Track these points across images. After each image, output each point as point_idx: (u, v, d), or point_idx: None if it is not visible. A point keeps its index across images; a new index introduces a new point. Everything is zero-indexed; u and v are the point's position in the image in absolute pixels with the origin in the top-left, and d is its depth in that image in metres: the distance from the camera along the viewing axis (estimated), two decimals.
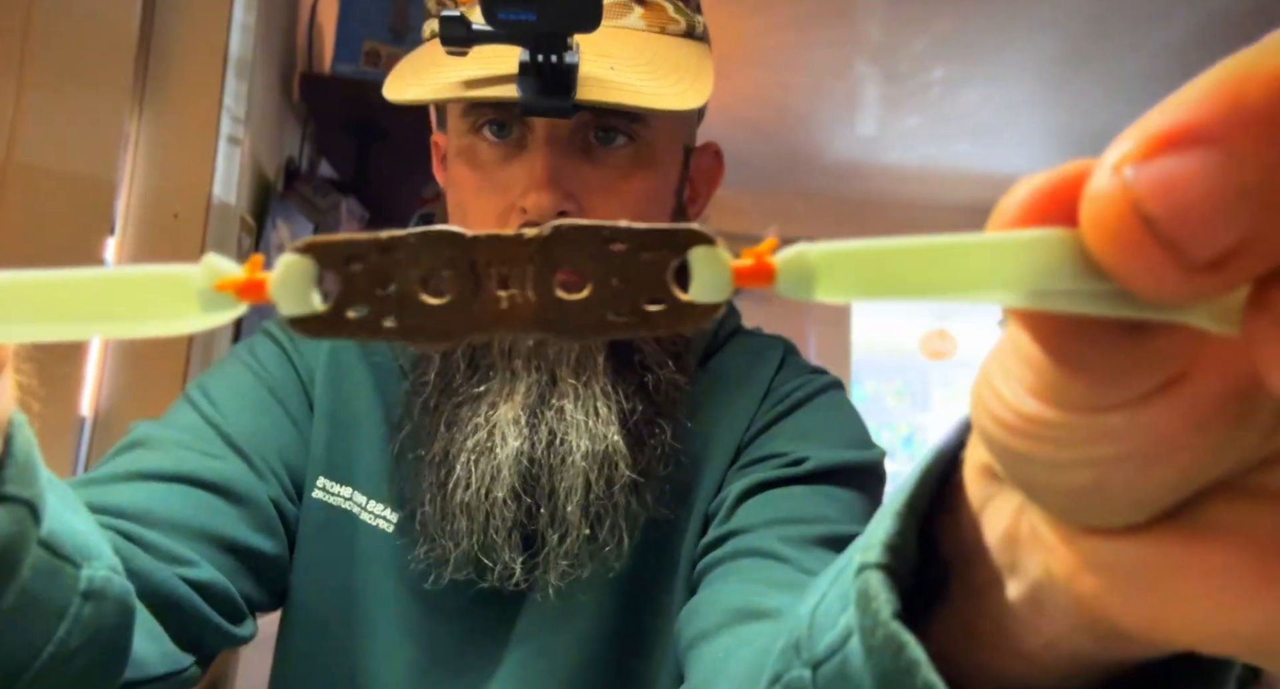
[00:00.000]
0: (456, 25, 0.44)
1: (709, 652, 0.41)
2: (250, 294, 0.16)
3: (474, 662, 0.52)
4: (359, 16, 1.44)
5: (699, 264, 0.15)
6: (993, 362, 0.17)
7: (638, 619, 0.52)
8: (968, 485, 0.21)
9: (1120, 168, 0.13)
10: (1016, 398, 0.16)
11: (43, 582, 0.26)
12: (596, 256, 0.15)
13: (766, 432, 0.55)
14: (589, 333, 0.16)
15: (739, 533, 0.49)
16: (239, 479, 0.49)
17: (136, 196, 1.21)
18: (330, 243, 0.15)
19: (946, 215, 3.29)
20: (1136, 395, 0.15)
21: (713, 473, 0.54)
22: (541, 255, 0.15)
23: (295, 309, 0.16)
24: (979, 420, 0.17)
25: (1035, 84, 2.30)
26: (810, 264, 0.15)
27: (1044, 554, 0.18)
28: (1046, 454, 0.16)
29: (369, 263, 0.15)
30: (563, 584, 0.49)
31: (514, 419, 0.49)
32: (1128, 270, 0.13)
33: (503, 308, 0.16)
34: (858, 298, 0.15)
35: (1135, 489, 0.16)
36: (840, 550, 0.45)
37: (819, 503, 0.49)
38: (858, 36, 2.09)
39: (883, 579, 0.21)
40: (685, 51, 0.51)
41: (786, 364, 0.59)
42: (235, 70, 1.26)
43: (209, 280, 0.16)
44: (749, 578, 0.45)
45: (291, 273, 0.15)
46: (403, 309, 0.15)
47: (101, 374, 1.16)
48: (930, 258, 0.15)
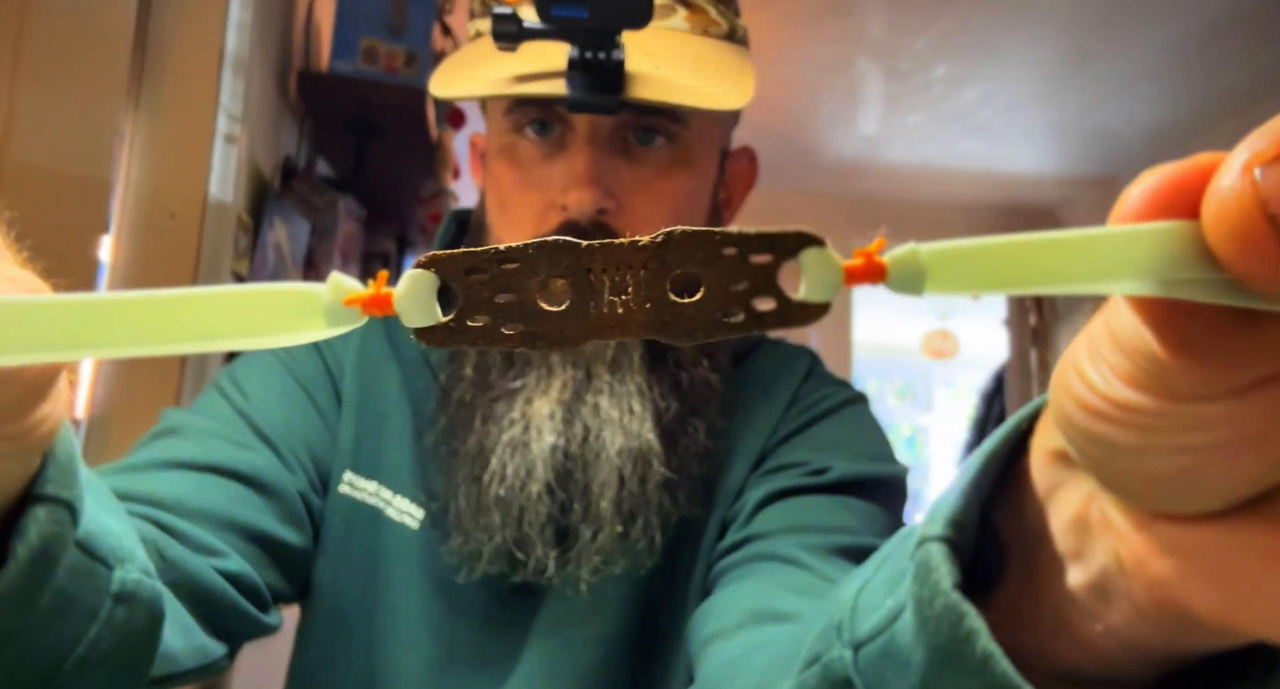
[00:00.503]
0: (509, 22, 0.45)
1: (724, 650, 0.41)
2: (376, 307, 0.17)
3: (494, 657, 0.52)
4: (356, 14, 1.44)
5: (810, 264, 0.16)
6: (1080, 349, 0.17)
7: (655, 617, 0.52)
8: (1035, 470, 0.21)
9: (1251, 167, 0.14)
10: (1108, 384, 0.16)
11: (77, 582, 0.26)
12: (708, 260, 0.16)
13: (790, 440, 0.55)
14: (702, 334, 0.16)
15: (758, 538, 0.48)
16: (268, 471, 0.49)
17: (132, 195, 1.20)
18: (451, 256, 0.16)
19: (948, 214, 3.28)
20: (1236, 387, 0.15)
21: (734, 477, 0.54)
22: (655, 260, 0.16)
23: (420, 321, 0.17)
24: (1062, 406, 0.18)
25: (1037, 82, 2.29)
26: (920, 263, 0.16)
27: (1114, 540, 0.18)
28: (1135, 440, 0.16)
29: (488, 273, 0.16)
30: (594, 580, 0.49)
31: (549, 414, 0.49)
32: (1248, 266, 0.14)
33: (618, 312, 0.16)
34: (968, 293, 0.16)
35: (1220, 478, 0.16)
36: (859, 561, 0.45)
37: (840, 513, 0.49)
38: (859, 34, 2.09)
39: (944, 551, 0.22)
40: (727, 53, 0.52)
41: (813, 374, 0.60)
42: (232, 68, 1.25)
43: (337, 296, 0.17)
44: (767, 581, 0.45)
45: (415, 286, 0.16)
46: (523, 316, 0.16)
47: (96, 377, 1.16)
48: (1037, 252, 0.15)
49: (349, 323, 0.17)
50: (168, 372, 1.17)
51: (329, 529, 0.54)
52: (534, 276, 0.16)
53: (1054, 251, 0.15)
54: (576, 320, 0.16)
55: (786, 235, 0.16)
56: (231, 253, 1.26)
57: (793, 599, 0.42)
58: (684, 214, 0.53)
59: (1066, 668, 0.22)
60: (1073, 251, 0.15)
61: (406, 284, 0.16)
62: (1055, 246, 0.15)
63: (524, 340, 0.16)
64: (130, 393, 1.16)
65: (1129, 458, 0.17)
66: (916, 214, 3.28)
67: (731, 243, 0.16)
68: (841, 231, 3.31)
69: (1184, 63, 2.13)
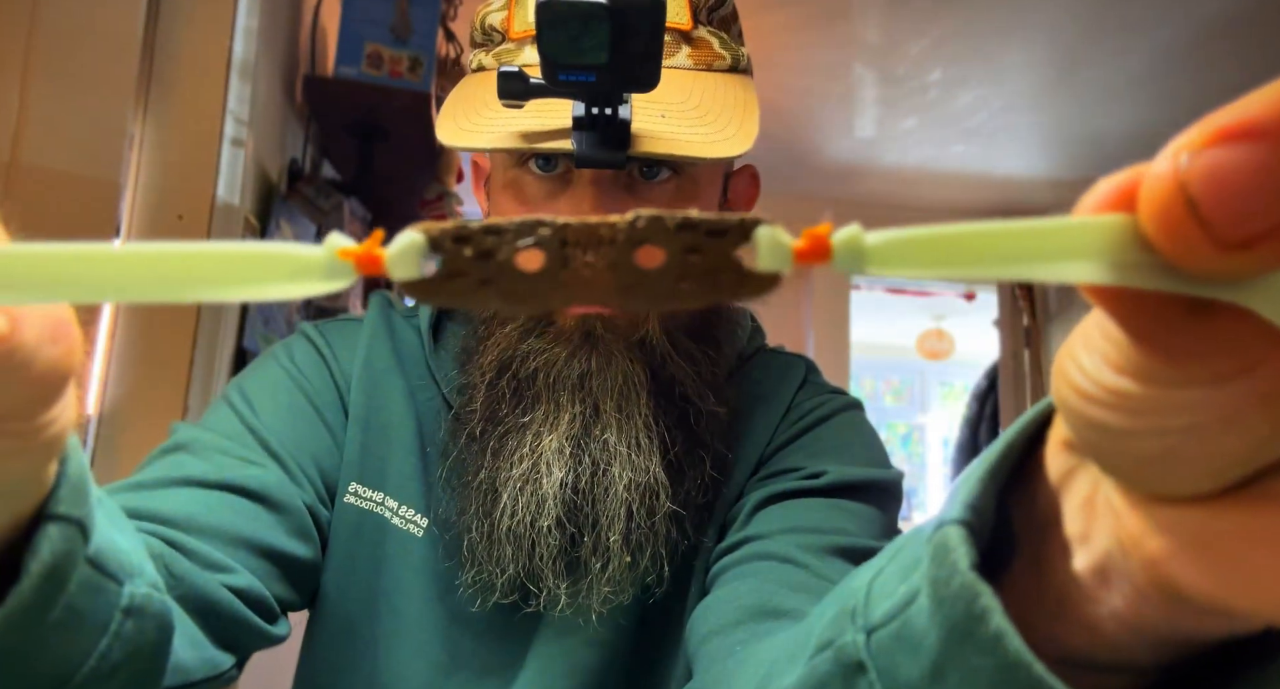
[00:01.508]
0: (515, 81, 0.45)
1: (724, 646, 0.42)
2: (368, 264, 0.18)
3: (497, 664, 0.53)
4: (361, 19, 1.45)
5: (763, 240, 0.18)
6: (1077, 337, 0.18)
7: (655, 623, 0.53)
8: (1049, 459, 0.22)
9: (1178, 154, 0.15)
10: (1097, 369, 0.17)
11: (87, 597, 0.27)
12: (671, 237, 0.18)
13: (786, 447, 0.56)
14: (664, 298, 0.18)
15: (755, 539, 0.49)
16: (276, 486, 0.50)
17: (141, 198, 1.22)
18: (441, 226, 0.18)
19: (944, 216, 3.29)
20: (1209, 375, 0.16)
21: (733, 484, 0.55)
22: (623, 235, 0.18)
23: (408, 275, 0.18)
24: (1059, 389, 0.19)
25: (1032, 86, 2.31)
26: (862, 247, 0.17)
27: (1113, 521, 0.19)
28: (1120, 422, 0.17)
29: (474, 242, 0.18)
30: (603, 610, 0.50)
31: (558, 449, 0.50)
32: (1170, 244, 0.15)
33: (586, 276, 0.18)
34: (912, 274, 0.17)
35: (1203, 459, 0.17)
36: (857, 562, 0.46)
37: (836, 515, 0.50)
38: (856, 39, 2.11)
39: (962, 534, 0.22)
40: (732, 88, 0.52)
41: (808, 383, 0.60)
42: (239, 73, 1.27)
43: (332, 251, 0.18)
44: (765, 579, 0.46)
45: (406, 247, 0.18)
46: (501, 277, 0.18)
47: (106, 374, 1.17)
48: (985, 239, 0.17)
49: (344, 278, 0.18)
50: (176, 372, 1.18)
51: (335, 538, 0.54)
52: (513, 244, 0.18)
53: (1002, 238, 0.16)
54: (548, 281, 0.18)
55: (743, 220, 0.18)
56: None
57: (790, 596, 0.43)
58: None
59: (1074, 653, 0.22)
60: (1022, 238, 0.16)
61: (398, 245, 0.18)
62: (1008, 234, 0.16)
63: (501, 296, 0.18)
64: (139, 392, 1.17)
65: (1119, 440, 0.18)
66: (912, 216, 3.29)
67: (693, 223, 0.18)
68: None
69: (1174, 68, 2.15)
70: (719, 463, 0.53)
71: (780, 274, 0.18)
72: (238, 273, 0.18)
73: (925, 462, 5.43)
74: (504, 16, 0.53)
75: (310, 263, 0.18)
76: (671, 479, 0.51)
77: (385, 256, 0.18)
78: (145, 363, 1.18)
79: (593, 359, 0.50)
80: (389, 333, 0.59)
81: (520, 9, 0.52)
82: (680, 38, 0.52)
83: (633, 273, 0.18)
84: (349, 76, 1.44)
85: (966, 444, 3.41)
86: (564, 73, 0.43)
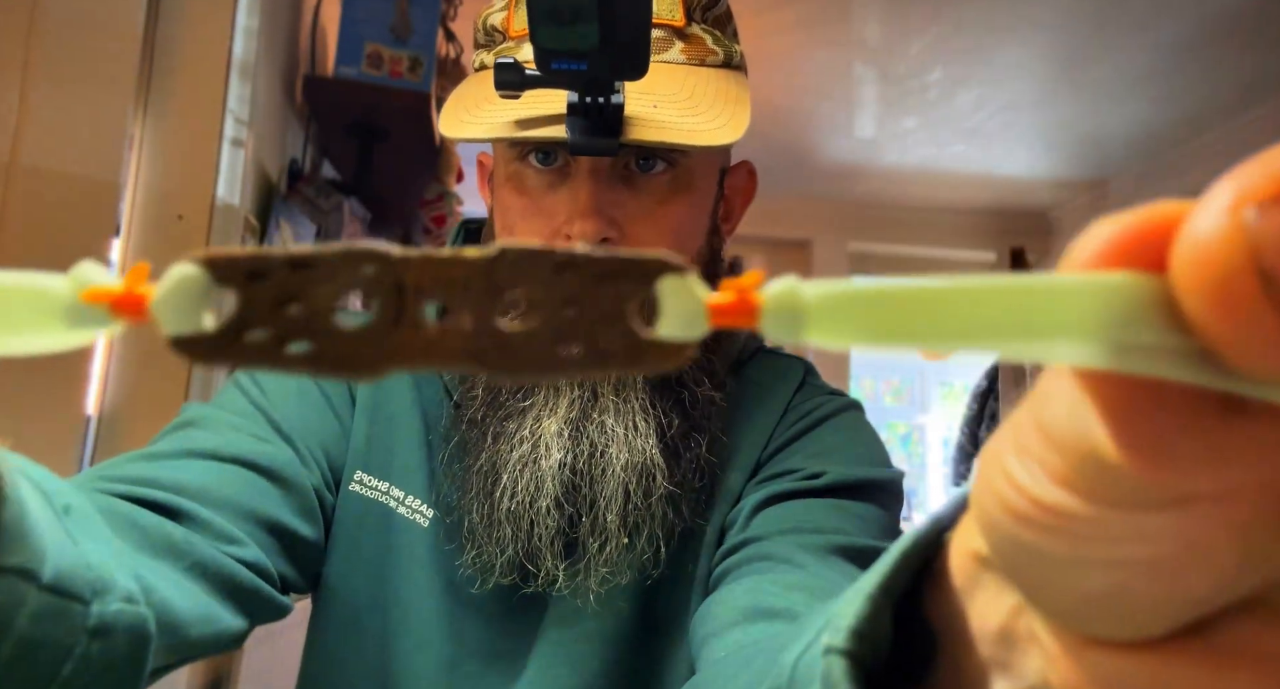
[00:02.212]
0: (510, 71, 0.47)
1: (719, 648, 0.43)
2: (127, 309, 0.13)
3: (504, 653, 0.53)
4: (361, 19, 1.45)
5: (668, 297, 0.13)
6: (1006, 441, 0.15)
7: (659, 614, 0.54)
8: (954, 572, 0.19)
9: (1239, 207, 0.11)
10: (1036, 484, 0.14)
11: (46, 625, 0.27)
12: (548, 283, 0.14)
13: (785, 449, 0.56)
14: (532, 370, 0.14)
15: (755, 540, 0.50)
16: (286, 465, 0.51)
17: (141, 198, 1.22)
18: (231, 256, 0.14)
19: (944, 216, 3.30)
20: (1190, 494, 0.13)
21: (732, 483, 0.55)
22: (482, 279, 0.14)
23: (180, 327, 0.13)
24: (984, 506, 0.16)
25: (1032, 86, 2.31)
26: (802, 305, 0.13)
27: (1043, 662, 0.16)
28: (1063, 551, 0.14)
29: (276, 280, 0.14)
30: (602, 590, 0.51)
31: (557, 432, 0.51)
32: (1227, 331, 0.11)
33: (429, 336, 0.14)
34: (860, 345, 0.13)
35: (1159, 599, 0.14)
36: (856, 561, 0.47)
37: (835, 515, 0.51)
38: (855, 39, 2.11)
39: (845, 668, 0.20)
40: (724, 83, 0.53)
41: (806, 384, 0.61)
42: (238, 73, 1.27)
43: (75, 291, 0.14)
44: (762, 579, 0.46)
45: (179, 287, 0.13)
46: (311, 334, 0.14)
47: (106, 374, 1.17)
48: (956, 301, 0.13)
49: (95, 325, 0.14)
50: (176, 372, 1.18)
51: (340, 527, 0.55)
52: (330, 286, 0.14)
53: (978, 301, 0.12)
54: (374, 342, 0.14)
55: (642, 261, 0.14)
56: None
57: (787, 595, 0.44)
58: (684, 237, 0.54)
59: None
60: (1003, 302, 0.12)
61: (167, 283, 0.13)
62: (980, 295, 0.12)
63: (309, 363, 0.14)
64: (139, 391, 1.17)
65: (1056, 571, 0.15)
66: (912, 216, 3.30)
67: (576, 265, 0.14)
68: (837, 234, 3.33)
69: (1175, 68, 2.15)
70: (715, 447, 0.54)
71: (689, 345, 0.14)
72: None
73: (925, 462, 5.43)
74: (504, 16, 0.55)
75: (46, 302, 0.13)
76: (668, 461, 0.52)
77: (151, 300, 0.14)
78: (145, 363, 1.18)
79: None
80: None
81: (519, 9, 0.54)
82: (674, 34, 0.54)
83: (493, 334, 0.14)
84: (349, 76, 1.44)
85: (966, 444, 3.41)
86: (556, 62, 0.44)
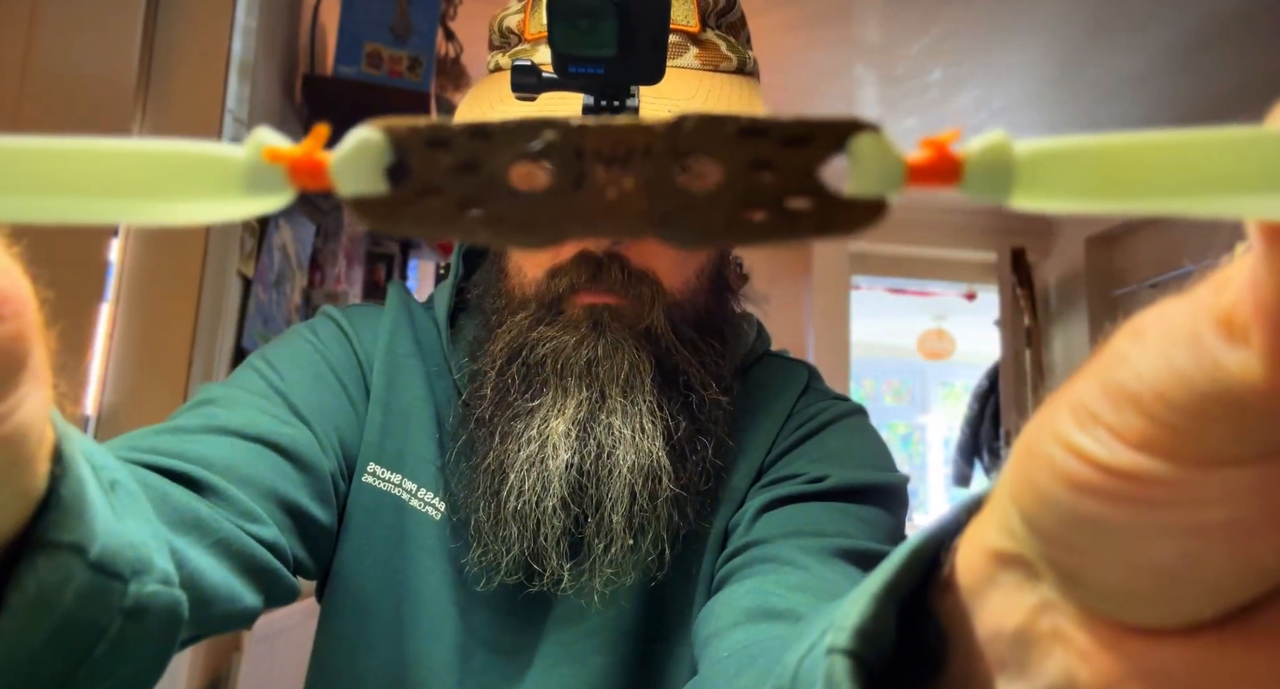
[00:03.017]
0: (527, 74, 0.47)
1: (721, 648, 0.43)
2: (306, 171, 0.13)
3: (513, 645, 0.54)
4: (361, 19, 1.45)
5: (862, 154, 0.13)
6: (1061, 417, 0.15)
7: (664, 609, 0.55)
8: (964, 573, 0.19)
9: None
10: (1107, 450, 0.14)
11: (86, 603, 0.26)
12: (733, 147, 0.13)
13: (789, 453, 0.57)
14: (717, 232, 0.13)
15: (758, 543, 0.50)
16: (306, 448, 0.51)
17: None
18: (412, 124, 0.13)
19: (944, 216, 3.30)
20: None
21: (737, 486, 0.56)
22: (662, 143, 0.13)
23: (360, 190, 0.13)
24: (1037, 486, 0.15)
25: (1032, 86, 2.31)
26: (1010, 162, 0.12)
27: (1071, 658, 0.16)
28: (1134, 519, 0.14)
29: (455, 147, 0.13)
30: (606, 591, 0.51)
31: (565, 433, 0.51)
32: None
33: (609, 198, 0.13)
34: (1072, 205, 0.12)
35: (1225, 570, 0.14)
36: (859, 564, 0.47)
37: (838, 518, 0.51)
38: (856, 39, 2.11)
39: (848, 667, 0.20)
40: (737, 89, 0.53)
41: (810, 389, 0.61)
42: (238, 72, 1.27)
43: (257, 152, 0.13)
44: (764, 580, 0.46)
45: (360, 151, 0.13)
46: (489, 196, 0.13)
47: (105, 373, 1.17)
48: (1180, 155, 0.12)
49: (272, 191, 0.14)
50: (174, 372, 1.18)
51: (352, 517, 0.55)
52: (510, 153, 0.13)
53: (1208, 152, 0.12)
54: (555, 205, 0.13)
55: (833, 122, 0.13)
56: (238, 254, 1.28)
57: (789, 596, 0.44)
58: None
59: None
60: (1234, 153, 0.11)
61: (349, 147, 0.13)
62: (1210, 146, 0.12)
63: (489, 226, 0.13)
64: (137, 392, 1.17)
65: (1120, 544, 0.14)
66: (912, 216, 3.30)
67: (761, 129, 0.13)
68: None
69: (1173, 68, 2.15)
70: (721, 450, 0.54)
71: (886, 202, 0.13)
72: (128, 179, 0.13)
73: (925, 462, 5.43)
74: (520, 19, 0.55)
75: (227, 167, 0.13)
76: (674, 463, 0.52)
77: (330, 162, 0.14)
78: (143, 363, 1.18)
79: (600, 346, 0.51)
80: (410, 321, 0.60)
81: (536, 11, 0.54)
82: (688, 39, 0.54)
83: (676, 196, 0.13)
84: (348, 76, 1.44)
85: (967, 444, 3.41)
86: (574, 65, 0.44)
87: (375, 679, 0.54)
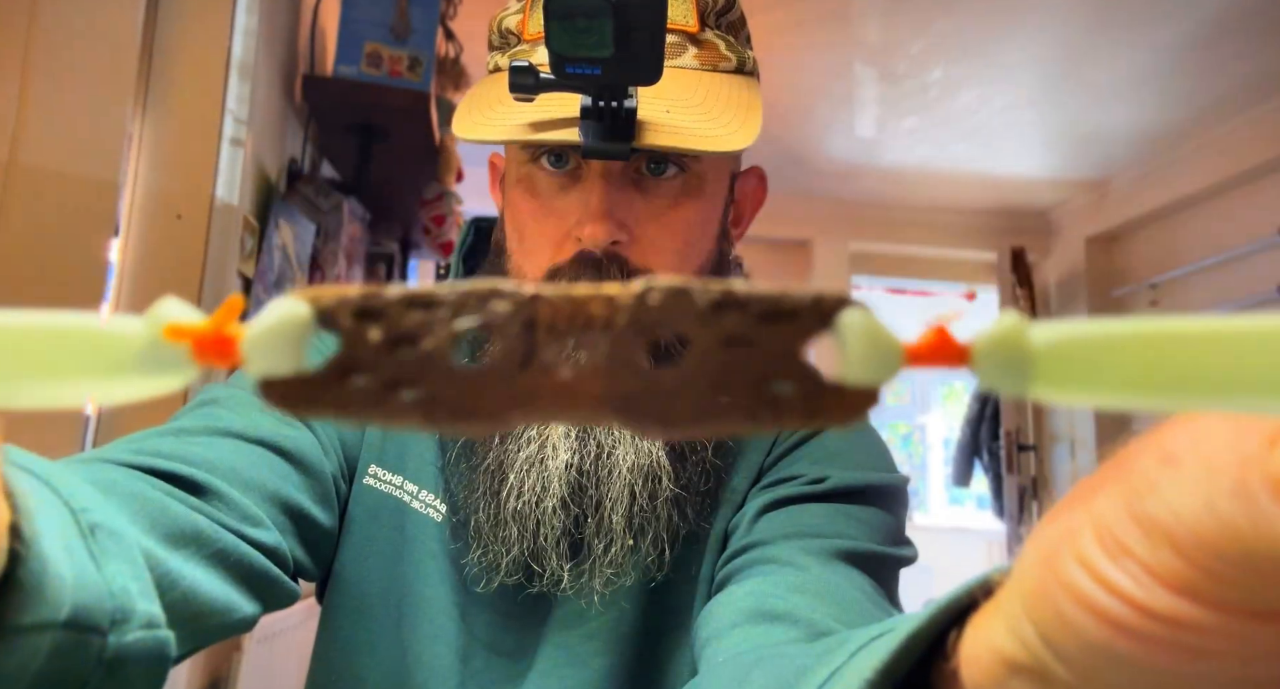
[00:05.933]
0: (525, 75, 0.47)
1: (721, 650, 0.43)
2: (213, 350, 0.11)
3: (511, 650, 0.54)
4: (361, 19, 1.45)
5: (853, 335, 0.11)
6: (1085, 536, 0.13)
7: (664, 609, 0.55)
8: (969, 670, 0.17)
9: None
10: (1144, 590, 0.12)
11: (61, 659, 0.26)
12: (705, 323, 0.11)
13: (789, 455, 0.57)
14: (686, 422, 0.11)
15: (758, 545, 0.50)
16: (308, 450, 0.51)
17: (140, 198, 1.22)
18: (341, 295, 0.12)
19: (944, 216, 3.30)
20: None
21: (737, 488, 0.56)
22: (628, 316, 0.12)
23: (274, 371, 0.12)
24: (1059, 607, 0.14)
25: (1032, 85, 2.31)
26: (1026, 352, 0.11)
27: None
28: (1175, 666, 0.12)
29: (388, 320, 0.11)
30: (606, 591, 0.51)
31: (565, 433, 0.51)
32: None
33: (563, 381, 0.11)
34: (1102, 402, 0.11)
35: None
36: (859, 565, 0.47)
37: (838, 519, 0.51)
38: (856, 39, 2.11)
39: None
40: (736, 88, 0.53)
41: None
42: (238, 72, 1.27)
43: (156, 330, 0.12)
44: (763, 581, 0.46)
45: (278, 327, 0.11)
46: (423, 376, 0.11)
47: None
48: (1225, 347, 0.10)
49: (175, 370, 0.12)
50: None
51: (353, 519, 0.55)
52: (450, 326, 0.11)
53: (1256, 346, 0.10)
54: (498, 385, 0.11)
55: (817, 298, 0.12)
56: (238, 254, 1.28)
57: (788, 597, 0.44)
58: (694, 241, 0.54)
59: None
60: (1260, 348, 0.10)
61: (267, 322, 0.11)
62: (1258, 339, 0.10)
63: (421, 412, 0.12)
64: None
65: (1151, 685, 0.13)
66: (912, 216, 3.30)
67: (736, 302, 0.11)
68: (837, 234, 3.33)
69: (1175, 68, 2.15)
70: (721, 451, 0.55)
71: (877, 391, 0.12)
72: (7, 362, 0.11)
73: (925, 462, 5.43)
74: (519, 19, 0.55)
75: (120, 346, 0.12)
76: (674, 464, 0.52)
77: (243, 339, 0.12)
78: None
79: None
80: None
81: (535, 11, 0.54)
82: (687, 39, 0.54)
83: (639, 377, 0.12)
84: (348, 76, 1.44)
85: (967, 444, 3.41)
86: (571, 66, 0.44)
87: (376, 680, 0.54)
